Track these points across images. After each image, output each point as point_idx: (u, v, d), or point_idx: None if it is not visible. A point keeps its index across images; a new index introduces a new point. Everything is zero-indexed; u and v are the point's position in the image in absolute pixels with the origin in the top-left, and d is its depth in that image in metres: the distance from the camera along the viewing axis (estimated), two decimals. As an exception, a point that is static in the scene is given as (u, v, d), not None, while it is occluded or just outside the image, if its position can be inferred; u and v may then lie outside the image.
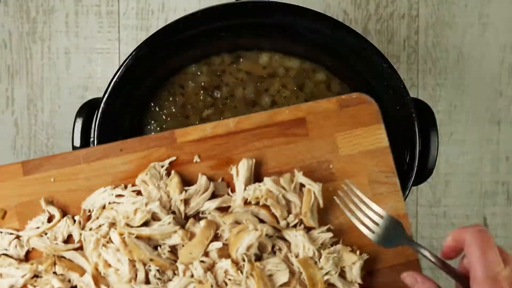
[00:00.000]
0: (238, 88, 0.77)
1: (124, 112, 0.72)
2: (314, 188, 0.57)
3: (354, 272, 0.57)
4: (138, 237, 0.56)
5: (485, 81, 0.90)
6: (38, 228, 0.59)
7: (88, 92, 0.90)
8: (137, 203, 0.57)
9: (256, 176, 0.60)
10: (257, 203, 0.58)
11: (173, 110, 0.78)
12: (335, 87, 0.78)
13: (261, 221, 0.58)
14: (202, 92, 0.78)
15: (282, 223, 0.58)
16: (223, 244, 0.56)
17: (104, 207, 0.58)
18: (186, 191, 0.57)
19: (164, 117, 0.78)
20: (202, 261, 0.55)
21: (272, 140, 0.60)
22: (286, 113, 0.60)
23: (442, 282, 0.93)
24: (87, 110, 0.74)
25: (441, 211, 0.91)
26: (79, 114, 0.74)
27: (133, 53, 0.71)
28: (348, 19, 0.90)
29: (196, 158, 0.60)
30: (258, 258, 0.57)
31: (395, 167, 0.61)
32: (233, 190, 0.59)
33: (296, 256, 0.57)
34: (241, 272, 0.55)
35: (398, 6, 0.90)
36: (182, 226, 0.57)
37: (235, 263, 0.55)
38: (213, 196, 0.59)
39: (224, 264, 0.55)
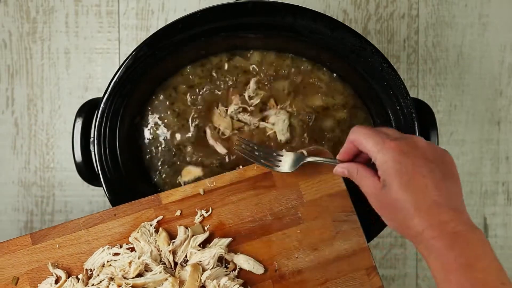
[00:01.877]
0: (238, 87, 0.77)
1: (124, 112, 0.72)
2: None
3: None
4: (134, 287, 0.63)
5: (485, 81, 0.90)
6: None
7: (88, 92, 0.90)
8: (131, 257, 0.65)
9: (235, 226, 0.68)
10: None
11: (173, 110, 0.78)
12: (334, 86, 0.78)
13: None
14: (201, 91, 0.78)
15: None
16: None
17: (103, 265, 0.66)
18: (173, 243, 0.66)
19: (164, 117, 0.78)
20: None
21: (244, 193, 0.68)
22: (254, 169, 0.68)
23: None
24: (87, 110, 0.74)
25: (441, 211, 0.91)
26: (79, 114, 0.74)
27: (133, 53, 0.71)
28: (348, 19, 0.90)
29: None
30: None
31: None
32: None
33: None
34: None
35: (398, 6, 0.90)
36: (172, 274, 0.65)
37: None
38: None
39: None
